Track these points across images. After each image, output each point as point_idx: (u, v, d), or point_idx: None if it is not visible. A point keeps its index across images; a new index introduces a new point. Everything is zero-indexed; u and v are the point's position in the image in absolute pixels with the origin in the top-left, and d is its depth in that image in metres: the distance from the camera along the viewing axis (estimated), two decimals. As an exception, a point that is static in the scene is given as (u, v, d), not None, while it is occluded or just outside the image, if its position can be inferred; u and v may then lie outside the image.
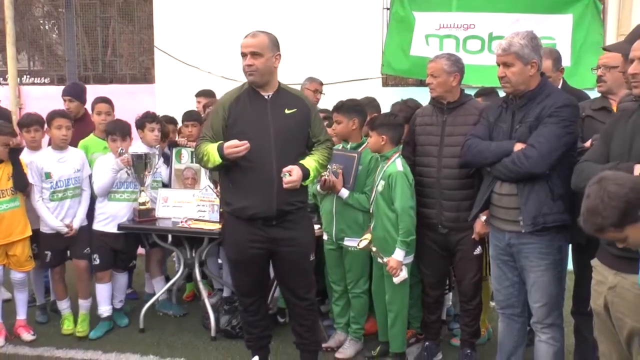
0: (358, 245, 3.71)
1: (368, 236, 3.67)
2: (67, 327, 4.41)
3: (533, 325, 3.18)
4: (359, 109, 3.90)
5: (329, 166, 3.58)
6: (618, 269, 2.39)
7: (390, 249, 3.59)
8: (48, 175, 4.22)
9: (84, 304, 4.44)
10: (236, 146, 3.10)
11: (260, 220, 3.25)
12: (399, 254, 3.55)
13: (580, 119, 3.12)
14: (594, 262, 2.57)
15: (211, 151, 3.20)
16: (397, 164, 3.60)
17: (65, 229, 4.25)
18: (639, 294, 2.26)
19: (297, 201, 3.29)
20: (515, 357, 3.33)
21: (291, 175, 3.13)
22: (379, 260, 3.63)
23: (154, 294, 4.69)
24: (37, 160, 4.22)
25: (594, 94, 3.53)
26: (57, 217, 4.24)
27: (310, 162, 3.26)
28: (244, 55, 3.21)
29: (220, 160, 3.17)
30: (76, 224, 4.30)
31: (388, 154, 3.63)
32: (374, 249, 3.64)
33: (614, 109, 3.11)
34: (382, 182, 3.61)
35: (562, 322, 3.18)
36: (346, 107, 3.86)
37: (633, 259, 2.26)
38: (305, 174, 3.20)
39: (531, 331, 3.29)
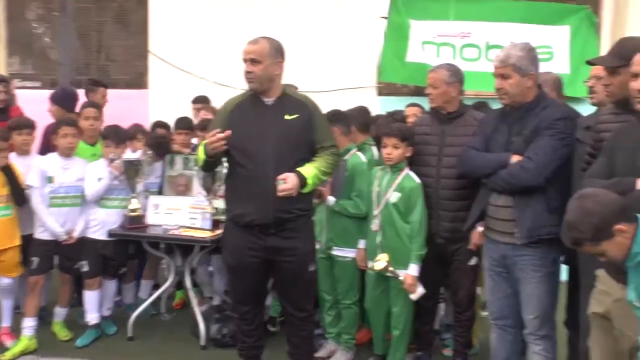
0: (373, 267, 3.63)
1: (384, 256, 3.59)
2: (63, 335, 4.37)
3: (526, 336, 3.17)
4: (338, 117, 3.90)
5: None
6: (625, 283, 2.37)
7: (403, 259, 3.56)
8: (50, 180, 4.16)
9: (61, 311, 4.39)
10: (214, 138, 3.08)
11: (258, 227, 3.21)
12: (414, 269, 3.53)
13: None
14: (600, 272, 2.56)
15: (200, 149, 3.22)
16: (412, 176, 3.59)
17: (65, 236, 4.19)
18: None
19: (296, 209, 3.20)
20: (508, 368, 3.31)
21: (286, 182, 3.08)
22: (394, 276, 3.57)
23: (145, 300, 4.65)
24: (41, 164, 4.18)
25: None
26: (54, 224, 4.19)
27: (309, 169, 3.17)
28: (244, 61, 3.19)
29: (204, 157, 3.18)
30: (77, 232, 4.25)
31: (402, 166, 3.62)
32: (390, 268, 3.57)
33: None
34: (397, 194, 3.58)
35: (555, 334, 3.18)
36: (329, 117, 3.82)
37: None
38: (302, 181, 3.13)
39: (524, 342, 3.26)
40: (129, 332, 4.39)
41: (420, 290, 3.54)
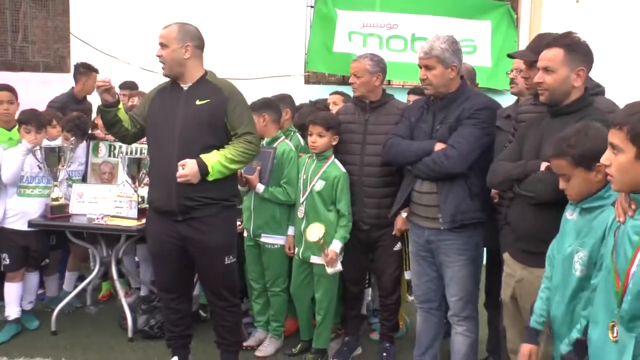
0: (306, 237, 3.59)
1: (321, 229, 3.53)
2: None
3: (450, 318, 3.29)
4: (268, 105, 3.93)
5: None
6: (526, 263, 2.56)
7: (325, 247, 3.61)
8: None
9: None
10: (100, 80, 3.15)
11: (167, 214, 3.19)
12: (337, 245, 3.57)
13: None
14: (505, 255, 2.72)
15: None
16: (337, 164, 3.63)
17: None
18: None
19: (200, 197, 3.14)
20: (432, 349, 3.43)
21: (184, 168, 3.05)
22: (323, 256, 3.58)
23: (69, 293, 4.51)
24: None
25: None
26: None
27: (213, 157, 3.09)
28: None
29: (100, 105, 3.23)
30: None
31: (327, 154, 3.66)
32: (322, 242, 3.54)
33: None
34: (322, 182, 3.62)
35: (477, 315, 3.31)
36: (255, 105, 3.86)
37: (539, 254, 2.40)
38: (203, 168, 3.08)
39: (447, 324, 3.40)
40: (52, 327, 4.24)
41: (338, 267, 3.58)
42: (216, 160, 3.10)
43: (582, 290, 2.09)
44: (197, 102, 3.15)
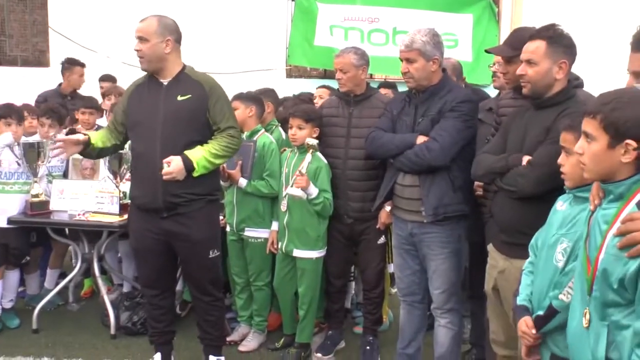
0: (289, 192, 3.53)
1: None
2: None
3: (433, 310, 3.31)
4: (256, 100, 3.97)
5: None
6: (507, 254, 2.58)
7: (308, 242, 3.62)
8: None
9: None
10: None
11: (152, 210, 3.17)
12: (313, 189, 3.49)
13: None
14: (489, 247, 2.75)
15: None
16: (319, 156, 3.63)
17: None
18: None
19: (186, 193, 3.13)
20: (415, 342, 3.44)
21: (169, 166, 3.02)
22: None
23: (51, 290, 4.45)
24: None
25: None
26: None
27: (197, 153, 3.07)
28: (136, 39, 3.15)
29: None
30: None
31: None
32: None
33: None
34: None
35: (460, 307, 3.33)
36: (245, 95, 3.90)
37: (520, 245, 2.42)
38: (188, 165, 3.05)
39: (431, 316, 3.42)
40: (33, 325, 4.18)
41: (300, 193, 3.47)
42: (201, 156, 3.08)
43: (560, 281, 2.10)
44: (179, 98, 3.12)
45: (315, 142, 3.53)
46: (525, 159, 2.48)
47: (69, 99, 5.48)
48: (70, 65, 5.52)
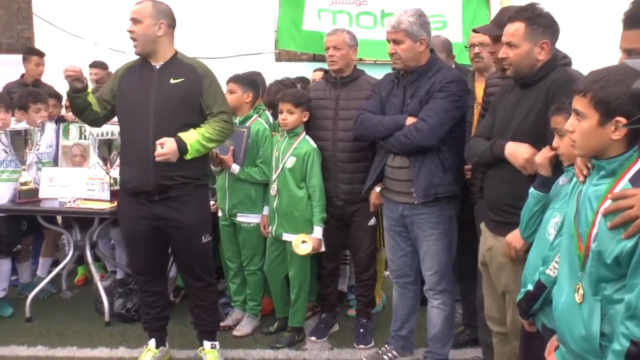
0: (296, 250, 3.59)
1: (306, 239, 3.57)
2: None
3: (426, 292, 3.33)
4: (255, 85, 3.93)
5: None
6: (494, 232, 2.62)
7: (298, 225, 3.61)
8: None
9: None
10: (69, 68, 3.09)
11: (143, 194, 3.16)
12: (318, 232, 3.60)
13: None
14: (482, 225, 2.77)
15: None
16: (308, 140, 3.62)
17: None
18: (505, 256, 2.50)
19: (178, 176, 3.12)
20: (408, 323, 3.47)
21: (163, 147, 3.02)
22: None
23: (44, 279, 4.44)
24: None
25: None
26: None
27: (191, 135, 3.08)
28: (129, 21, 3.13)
29: (69, 91, 3.18)
30: None
31: (298, 130, 3.65)
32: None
33: (482, 85, 3.29)
34: (293, 159, 3.60)
35: (452, 288, 3.36)
36: (244, 79, 3.86)
37: (507, 224, 2.47)
38: (182, 147, 3.06)
39: (423, 298, 3.43)
40: (26, 313, 4.18)
41: (322, 248, 3.63)
42: (195, 139, 3.09)
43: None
44: (172, 81, 3.11)
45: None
46: (509, 145, 2.50)
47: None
48: (28, 55, 5.50)
